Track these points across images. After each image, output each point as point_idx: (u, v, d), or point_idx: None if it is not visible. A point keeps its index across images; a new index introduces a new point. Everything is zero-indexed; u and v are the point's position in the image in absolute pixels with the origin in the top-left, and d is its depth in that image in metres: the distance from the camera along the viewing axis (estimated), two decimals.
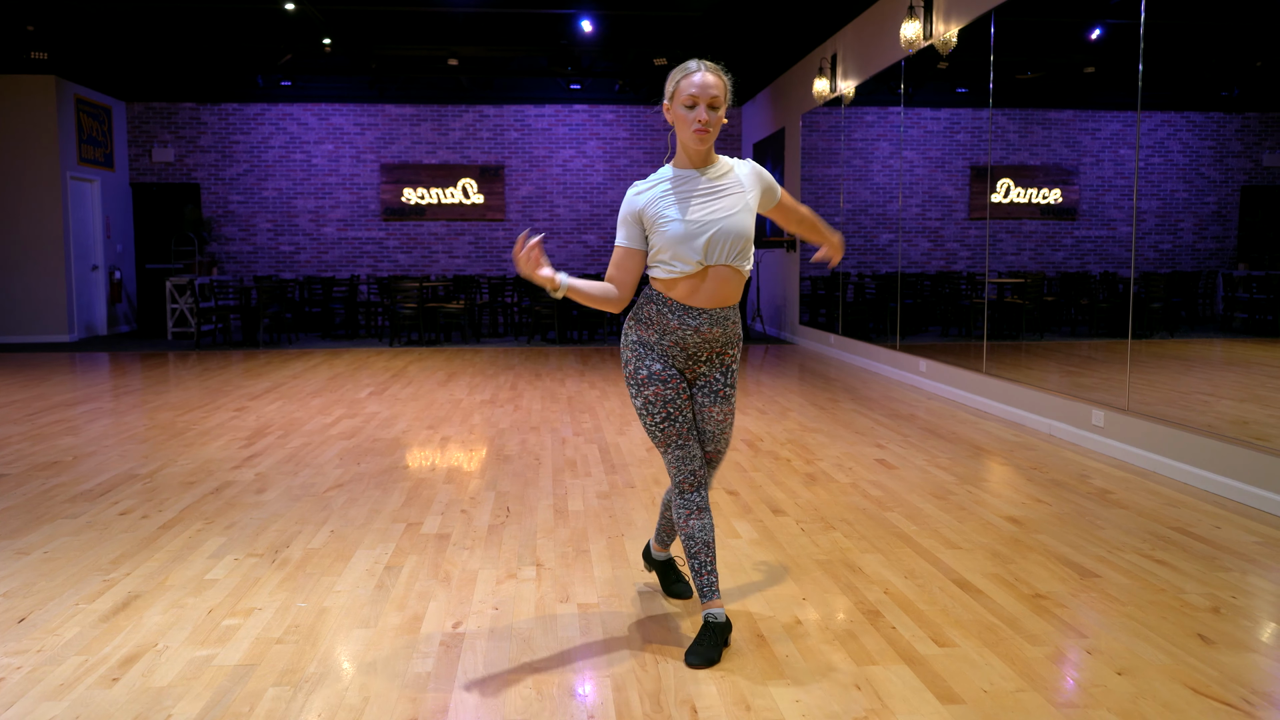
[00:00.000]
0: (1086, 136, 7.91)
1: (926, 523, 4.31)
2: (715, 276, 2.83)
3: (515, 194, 15.34)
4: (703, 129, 2.77)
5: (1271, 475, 4.47)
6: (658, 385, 2.89)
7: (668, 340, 2.89)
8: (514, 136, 15.30)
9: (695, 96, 2.77)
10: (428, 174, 15.19)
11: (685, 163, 2.87)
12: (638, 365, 2.92)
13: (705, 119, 2.77)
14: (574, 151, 15.40)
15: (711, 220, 2.80)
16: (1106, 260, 7.69)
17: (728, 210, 2.83)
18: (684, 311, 2.85)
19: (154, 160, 14.94)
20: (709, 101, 2.77)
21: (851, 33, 10.37)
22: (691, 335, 2.87)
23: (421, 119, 15.19)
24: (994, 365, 7.41)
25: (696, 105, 2.77)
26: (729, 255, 2.83)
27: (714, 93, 2.78)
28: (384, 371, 9.83)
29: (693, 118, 2.77)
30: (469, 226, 15.34)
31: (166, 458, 5.71)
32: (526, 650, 2.94)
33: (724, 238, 2.81)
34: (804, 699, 2.62)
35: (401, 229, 15.28)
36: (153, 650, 2.94)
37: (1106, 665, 2.83)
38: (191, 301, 13.31)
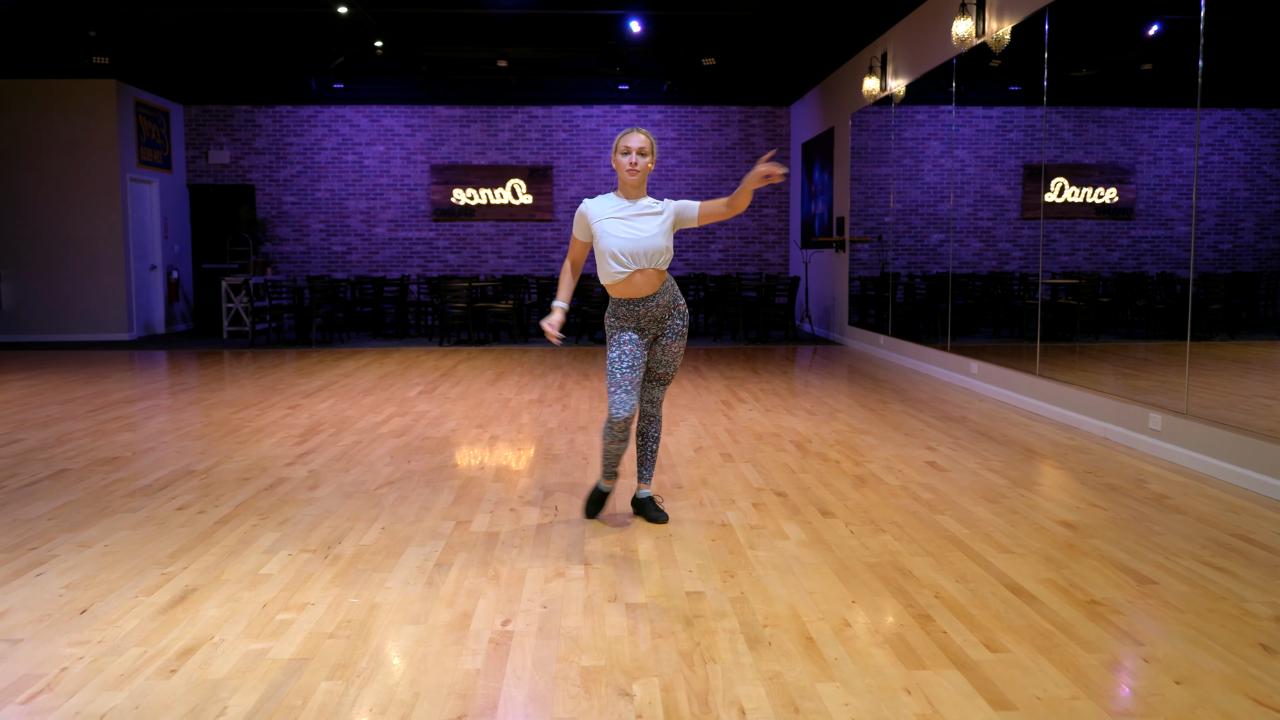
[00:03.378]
0: (1143, 134, 7.76)
1: (978, 526, 4.26)
2: (644, 275, 4.05)
3: (563, 194, 15.40)
4: (633, 169, 4.07)
5: None
6: (631, 345, 4.11)
7: (643, 321, 4.12)
8: (562, 137, 15.36)
9: (629, 148, 4.08)
10: (477, 175, 15.31)
11: (623, 194, 4.15)
12: (619, 332, 4.15)
13: (635, 161, 4.07)
14: None
15: (636, 239, 4.03)
16: (1164, 261, 7.53)
17: (648, 232, 4.05)
18: (640, 302, 4.08)
19: (210, 162, 15.22)
20: (638, 150, 4.07)
21: (902, 31, 10.27)
22: (655, 310, 4.11)
23: (471, 120, 15.31)
24: (1047, 367, 7.30)
25: (629, 153, 4.07)
26: (649, 262, 4.04)
27: (639, 145, 4.08)
28: (433, 371, 9.92)
29: (626, 162, 4.08)
30: (518, 227, 15.43)
31: (222, 454, 5.81)
32: (574, 649, 2.95)
33: (644, 251, 4.02)
34: (853, 702, 2.61)
35: (451, 229, 15.41)
36: (209, 643, 2.99)
37: (1164, 674, 2.78)
38: (246, 301, 13.54)
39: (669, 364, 4.25)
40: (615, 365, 4.09)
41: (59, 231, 13.39)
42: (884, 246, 10.94)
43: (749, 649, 2.95)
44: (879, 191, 11.10)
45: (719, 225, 15.59)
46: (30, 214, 13.36)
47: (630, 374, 4.07)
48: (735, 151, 15.55)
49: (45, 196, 13.36)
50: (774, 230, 15.73)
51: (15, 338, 13.48)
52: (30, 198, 13.34)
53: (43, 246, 13.39)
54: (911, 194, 10.16)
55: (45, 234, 13.38)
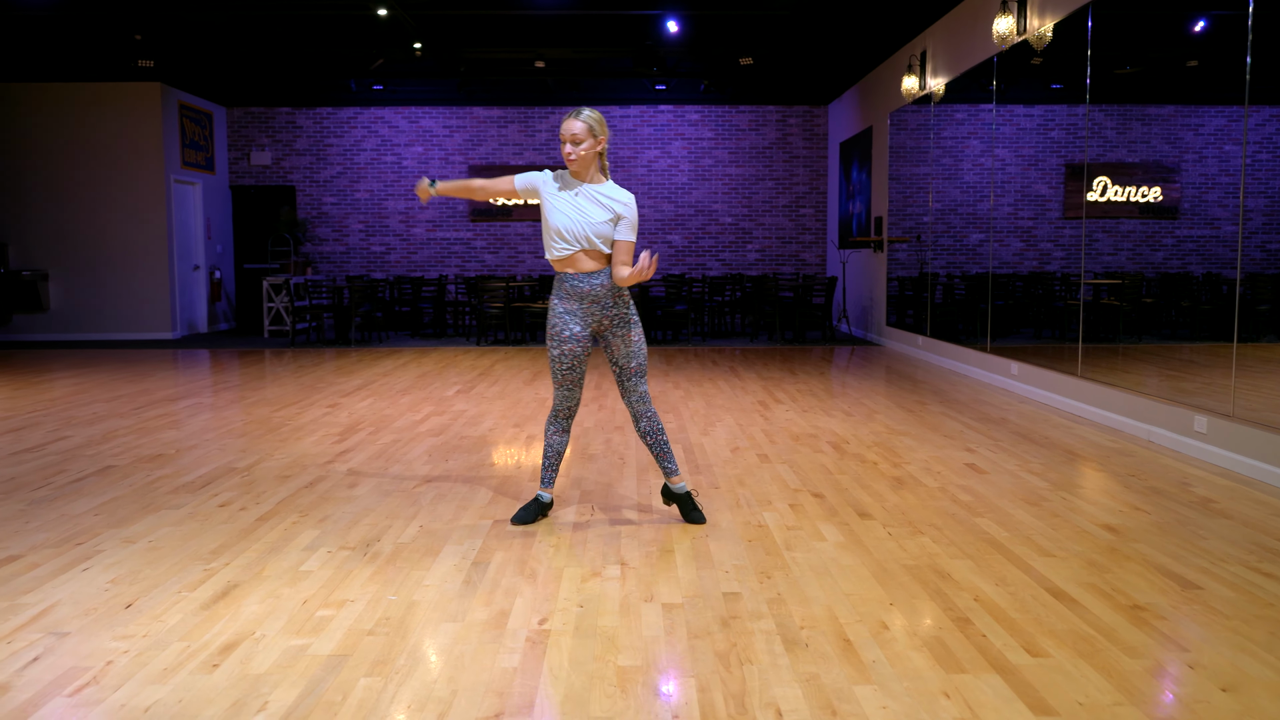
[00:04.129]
0: (1189, 132, 7.63)
1: (1018, 529, 4.21)
2: (586, 253, 4.12)
3: None
4: (568, 155, 4.10)
5: None
6: (573, 344, 4.16)
7: (585, 302, 4.15)
8: None
9: (562, 136, 4.09)
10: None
11: (573, 176, 4.16)
12: (562, 327, 4.17)
13: (569, 151, 4.08)
14: (659, 152, 15.43)
15: (581, 219, 4.08)
16: (1210, 261, 7.40)
17: (593, 216, 4.09)
18: (585, 277, 4.12)
19: (252, 163, 15.41)
20: (570, 138, 4.07)
21: (941, 29, 10.19)
22: (599, 288, 4.13)
23: (508, 120, 15.38)
24: (1089, 368, 7.20)
25: (564, 142, 4.09)
26: (589, 244, 4.10)
27: (571, 132, 4.06)
28: (471, 370, 9.98)
29: (563, 150, 4.11)
30: None
31: (263, 452, 5.88)
32: (611, 648, 2.96)
33: (584, 234, 4.07)
34: (891, 705, 2.59)
35: (489, 229, 15.49)
36: (250, 638, 3.03)
37: (1210, 681, 2.73)
38: (287, 300, 13.70)
39: (632, 354, 4.25)
40: (556, 366, 4.20)
41: (105, 232, 13.63)
42: (922, 246, 10.85)
43: (786, 650, 2.94)
44: (918, 191, 11.01)
45: (755, 225, 15.54)
46: (77, 215, 13.61)
47: (571, 374, 4.19)
48: (773, 151, 15.50)
49: (91, 198, 13.60)
50: (811, 230, 15.65)
51: (62, 336, 13.74)
52: (77, 199, 13.59)
53: (89, 247, 13.64)
54: (951, 193, 10.07)
55: (91, 235, 13.62)
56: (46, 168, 13.53)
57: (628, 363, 4.24)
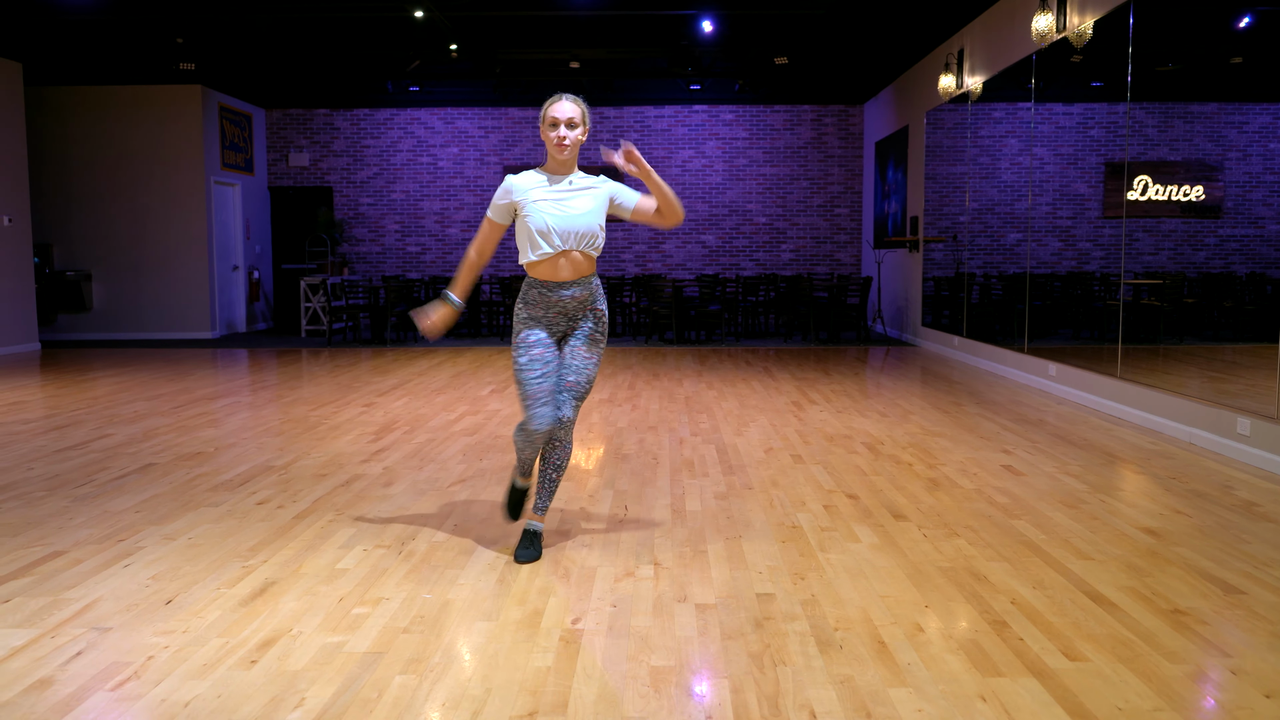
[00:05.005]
0: (1232, 130, 7.51)
1: (1056, 532, 4.16)
2: (570, 258, 3.66)
3: None
4: (560, 143, 3.64)
5: None
6: (540, 349, 3.70)
7: (552, 313, 3.73)
8: (633, 138, 15.40)
9: (556, 119, 3.63)
10: None
11: (553, 169, 3.72)
12: (526, 333, 3.72)
13: (564, 134, 3.63)
14: (693, 152, 15.41)
15: (569, 216, 3.63)
16: (1253, 260, 7.27)
17: (580, 210, 3.65)
18: (556, 287, 3.67)
19: (290, 164, 15.58)
20: (566, 122, 3.63)
21: (979, 27, 10.09)
22: (569, 301, 3.71)
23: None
24: (1129, 369, 7.10)
25: (558, 125, 3.63)
26: (578, 244, 3.66)
27: (569, 116, 3.64)
28: (505, 370, 10.02)
29: (555, 134, 3.64)
30: None
31: (300, 450, 5.94)
32: (644, 648, 2.96)
33: (575, 231, 3.63)
34: (926, 708, 2.57)
35: None
36: (288, 635, 3.06)
37: (1253, 687, 2.68)
38: (324, 300, 13.84)
39: (579, 369, 3.73)
40: (525, 374, 3.66)
41: (146, 233, 13.83)
42: (959, 246, 10.76)
43: (820, 652, 2.92)
44: (954, 190, 10.91)
45: (789, 224, 15.47)
46: (119, 216, 13.82)
47: (543, 383, 3.65)
48: (807, 151, 15.43)
49: (133, 199, 13.80)
50: (846, 230, 15.56)
51: (105, 335, 13.96)
52: (119, 200, 13.80)
53: (130, 247, 13.84)
54: (988, 193, 9.98)
55: (133, 235, 13.83)
56: (90, 170, 13.75)
57: (572, 378, 3.72)
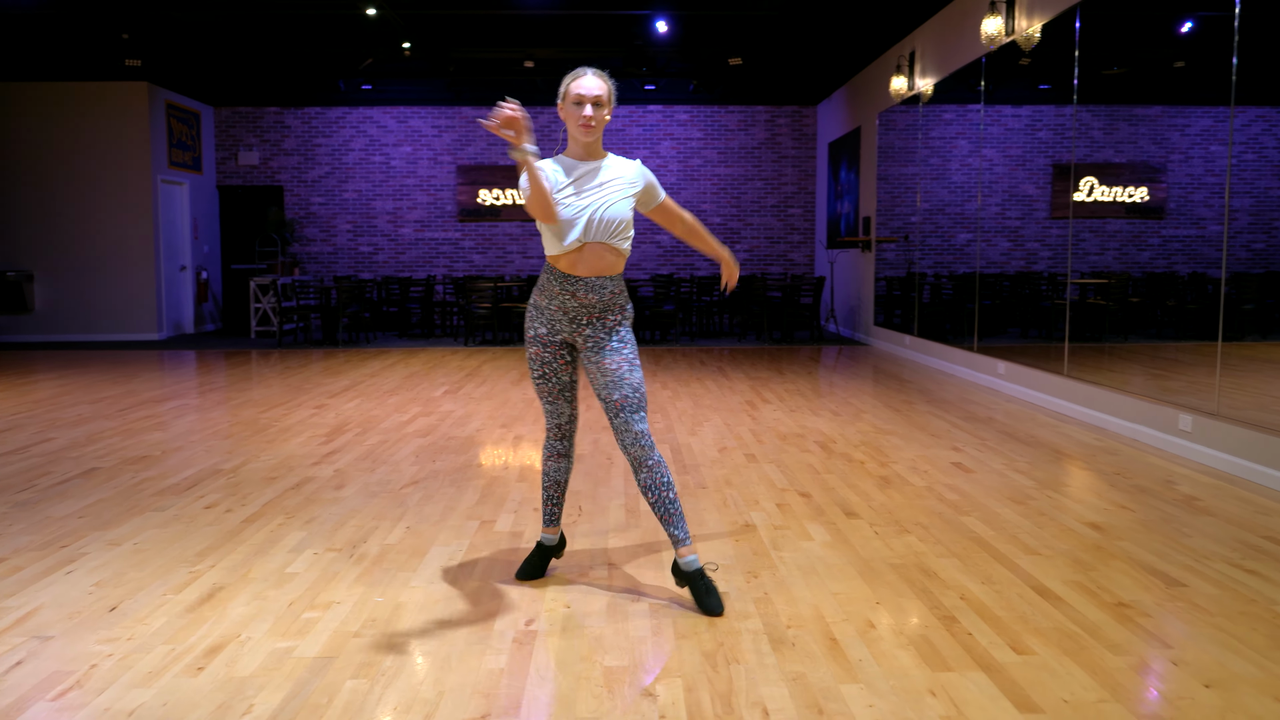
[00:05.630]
0: (1175, 133, 7.66)
1: (1004, 528, 4.23)
2: (592, 251, 3.25)
3: None
4: (587, 124, 3.21)
5: None
6: (538, 347, 3.39)
7: (554, 305, 3.33)
8: None
9: (582, 96, 3.21)
10: (503, 175, 15.35)
11: (576, 153, 3.31)
12: (529, 325, 3.41)
13: (590, 114, 3.20)
14: (648, 152, 15.43)
15: (592, 205, 3.22)
16: (1195, 260, 7.43)
17: (607, 198, 3.25)
18: (564, 279, 3.27)
19: (240, 163, 15.36)
20: (593, 100, 3.20)
21: (930, 30, 10.21)
22: (569, 300, 3.29)
23: None
24: (1076, 368, 7.23)
25: (583, 103, 3.21)
26: (605, 234, 3.24)
27: (597, 93, 3.22)
28: (459, 370, 9.96)
29: (579, 113, 3.21)
30: None
31: (249, 453, 5.86)
32: (598, 649, 2.96)
33: (601, 220, 3.22)
34: (877, 704, 2.59)
35: (477, 230, 15.47)
36: (236, 641, 3.02)
37: (1193, 677, 2.74)
38: (274, 301, 13.66)
39: (619, 383, 3.29)
40: (540, 384, 3.47)
41: (90, 232, 13.56)
42: (910, 246, 10.88)
43: (772, 650, 2.94)
44: (905, 191, 11.03)
45: (743, 224, 15.54)
46: (62, 215, 13.53)
47: (545, 384, 3.44)
48: (761, 151, 15.51)
49: (77, 198, 13.53)
50: (800, 230, 15.67)
51: (47, 337, 13.67)
52: (63, 199, 13.52)
53: (74, 247, 13.56)
54: (938, 193, 10.10)
55: (77, 235, 13.55)
56: (32, 168, 13.45)
57: (619, 395, 3.29)
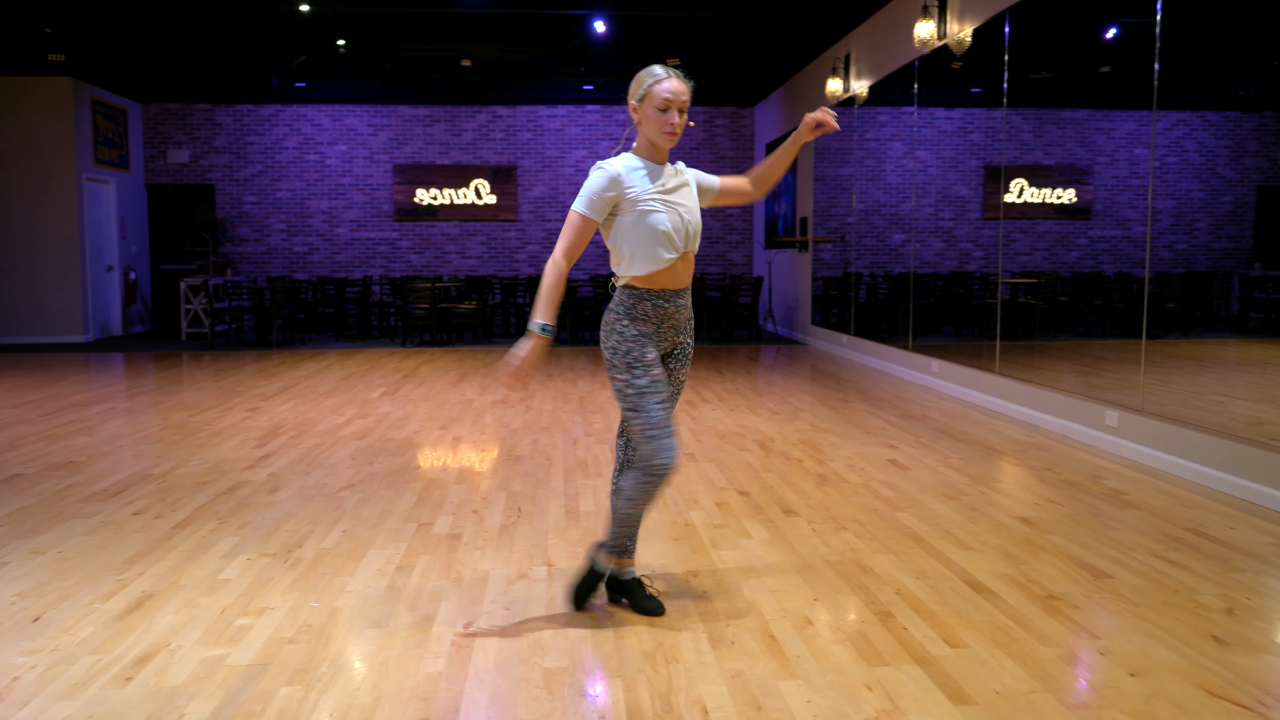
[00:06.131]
0: (1101, 136, 7.85)
1: (938, 523, 4.30)
2: (686, 260, 3.12)
3: (528, 194, 15.36)
4: (673, 131, 3.02)
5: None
6: (659, 370, 3.08)
7: (665, 326, 3.12)
8: (526, 137, 15.32)
9: (669, 101, 3.00)
10: (440, 175, 15.23)
11: (651, 156, 3.09)
12: (642, 352, 3.06)
13: (677, 122, 3.02)
14: (587, 152, 15.41)
15: (688, 215, 3.09)
16: (1121, 260, 7.63)
17: (693, 206, 3.13)
18: (671, 296, 3.10)
19: (169, 161, 15.02)
20: (679, 106, 3.02)
21: (865, 33, 10.35)
22: (680, 314, 3.15)
23: (434, 119, 15.23)
24: (1007, 366, 7.38)
25: (669, 109, 3.01)
26: (693, 245, 3.13)
27: (684, 98, 3.03)
28: (396, 372, 9.86)
29: (665, 120, 3.01)
30: (481, 227, 15.37)
31: (180, 458, 5.74)
32: (537, 650, 2.95)
33: (694, 231, 3.11)
34: (815, 699, 2.62)
35: (414, 229, 15.32)
36: (166, 650, 2.95)
37: (1119, 666, 2.82)
38: (206, 302, 13.38)
39: (677, 395, 3.28)
40: (649, 399, 3.03)
41: (12, 232, 13.15)
42: (847, 247, 11.01)
43: (712, 648, 2.95)
44: (842, 192, 11.17)
45: None
46: None
47: (667, 410, 3.07)
48: (700, 152, 15.58)
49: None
50: (738, 230, 15.78)
51: None
52: None
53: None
54: (874, 194, 10.24)
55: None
56: None
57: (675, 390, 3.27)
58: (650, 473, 3.03)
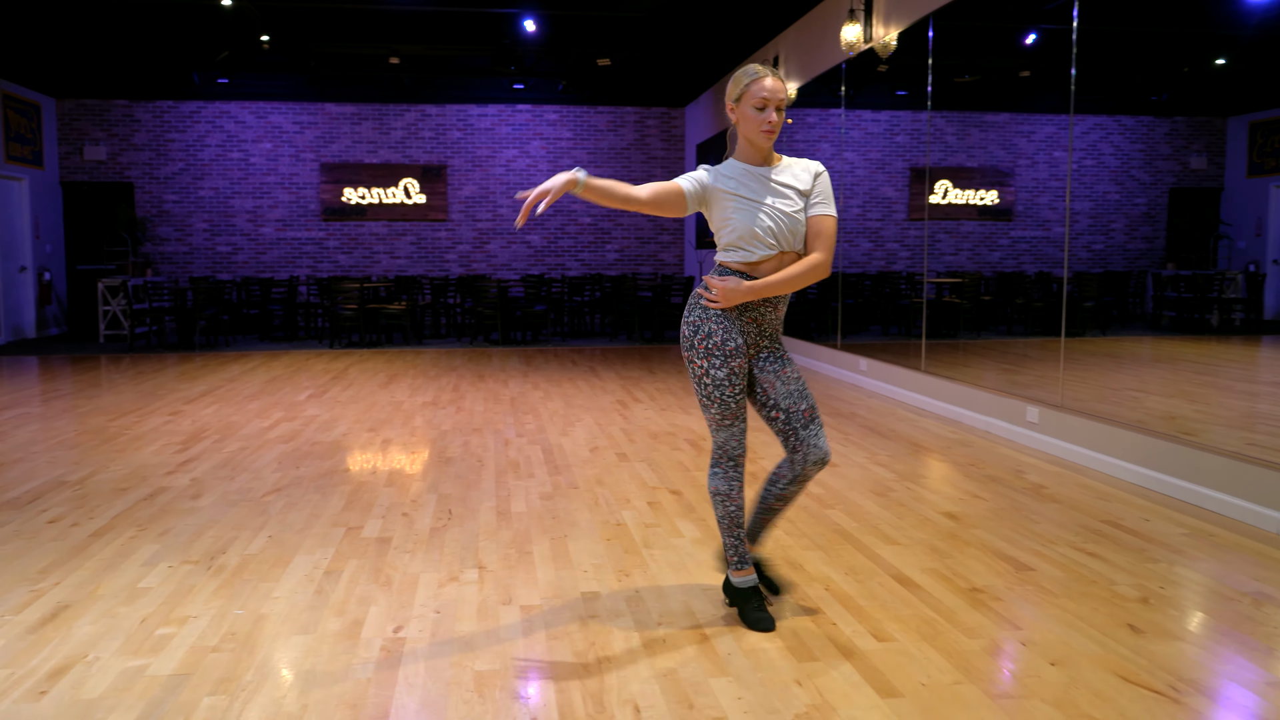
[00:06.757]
0: (1022, 139, 8.04)
1: (867, 520, 4.36)
2: (786, 261, 3.07)
3: (458, 194, 15.23)
4: (771, 129, 3.02)
5: (1197, 468, 4.59)
6: (741, 359, 3.07)
7: (747, 317, 3.10)
8: (456, 136, 15.19)
9: (766, 100, 3.00)
10: (369, 173, 15.02)
11: (751, 158, 3.10)
12: (725, 337, 3.06)
13: (774, 119, 3.01)
14: (517, 151, 15.34)
15: (779, 215, 3.03)
16: (1041, 260, 7.82)
17: (789, 208, 3.06)
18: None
19: (85, 158, 14.58)
20: (776, 104, 3.01)
21: (793, 35, 10.46)
22: (770, 312, 3.12)
23: (362, 118, 15.01)
24: (933, 364, 7.52)
25: (766, 107, 3.01)
26: (796, 243, 3.07)
27: (781, 96, 3.03)
28: (324, 374, 9.70)
29: (762, 119, 3.01)
30: (411, 227, 15.19)
31: (98, 464, 5.57)
32: (468, 653, 2.92)
33: (788, 230, 3.05)
34: (746, 696, 2.64)
35: (342, 229, 15.09)
36: (83, 661, 2.87)
37: (1040, 656, 2.89)
38: (125, 303, 13.02)
39: (803, 393, 3.14)
40: (725, 391, 3.05)
41: None
42: None
43: (644, 647, 2.96)
44: None
45: (614, 225, 15.61)
46: None
47: (743, 403, 3.11)
48: (631, 152, 15.61)
49: None
50: (669, 230, 15.83)
51: None
52: None
53: None
54: None
55: None
56: None
57: (797, 404, 3.11)
58: (723, 464, 3.17)
